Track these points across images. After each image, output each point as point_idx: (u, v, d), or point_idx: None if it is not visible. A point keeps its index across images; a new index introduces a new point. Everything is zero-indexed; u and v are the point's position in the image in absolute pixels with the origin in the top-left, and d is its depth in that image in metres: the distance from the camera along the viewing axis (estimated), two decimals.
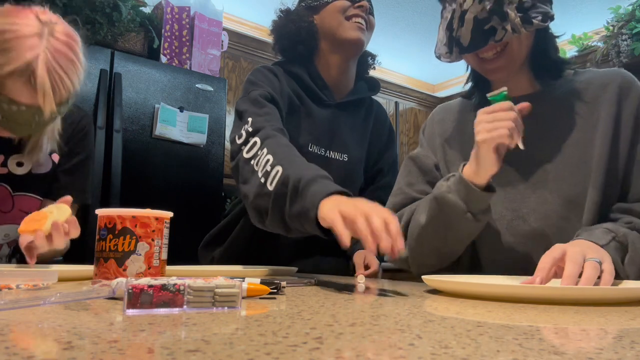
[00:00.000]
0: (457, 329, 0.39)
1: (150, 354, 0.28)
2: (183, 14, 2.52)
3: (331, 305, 0.53)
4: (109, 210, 0.71)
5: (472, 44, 0.85)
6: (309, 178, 0.82)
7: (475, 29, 0.84)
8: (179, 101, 2.33)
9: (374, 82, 1.40)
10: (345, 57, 1.26)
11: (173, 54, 2.46)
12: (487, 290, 0.62)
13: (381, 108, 1.44)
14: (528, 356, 0.29)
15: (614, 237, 0.75)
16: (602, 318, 0.47)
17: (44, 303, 0.46)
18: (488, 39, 0.83)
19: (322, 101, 1.26)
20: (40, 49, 0.97)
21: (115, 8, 2.18)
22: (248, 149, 1.00)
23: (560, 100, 0.93)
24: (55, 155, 1.22)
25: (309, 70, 1.27)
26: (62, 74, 1.00)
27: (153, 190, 2.22)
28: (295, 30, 1.24)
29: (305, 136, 1.22)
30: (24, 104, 0.98)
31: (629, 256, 0.75)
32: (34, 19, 1.00)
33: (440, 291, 0.72)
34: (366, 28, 1.23)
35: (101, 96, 2.09)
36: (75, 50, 1.04)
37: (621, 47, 2.97)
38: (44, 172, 1.20)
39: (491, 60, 0.88)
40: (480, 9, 0.82)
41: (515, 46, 0.87)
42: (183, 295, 0.46)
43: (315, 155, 1.24)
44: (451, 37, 0.88)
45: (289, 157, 0.92)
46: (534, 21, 0.82)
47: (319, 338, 0.34)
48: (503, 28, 0.82)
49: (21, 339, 0.32)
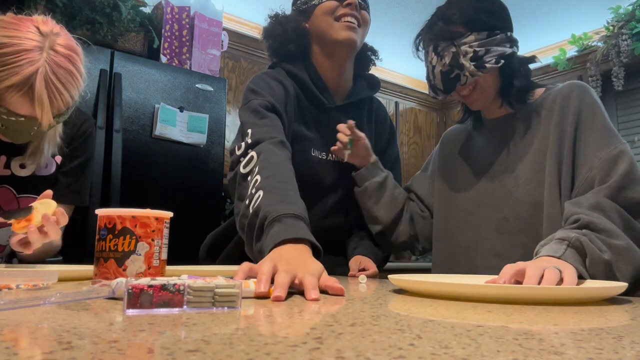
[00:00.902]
0: (457, 329, 0.39)
1: (150, 354, 0.28)
2: (183, 14, 2.52)
3: (331, 305, 0.53)
4: (108, 210, 0.71)
5: (445, 89, 1.08)
6: (275, 216, 0.82)
7: (444, 78, 1.07)
8: (179, 101, 2.33)
9: (374, 80, 1.39)
10: (340, 59, 1.25)
11: (173, 54, 2.46)
12: (445, 289, 0.63)
13: (381, 106, 1.44)
14: (528, 356, 0.29)
15: (568, 245, 0.78)
16: (602, 318, 0.47)
17: (44, 303, 0.46)
18: (455, 84, 1.06)
19: (323, 104, 1.26)
20: (40, 62, 0.97)
21: (115, 8, 2.18)
22: (245, 162, 1.00)
23: (524, 119, 1.10)
24: (58, 157, 1.22)
25: (309, 72, 1.26)
26: (60, 88, 1.00)
27: (153, 190, 2.22)
28: (283, 31, 1.25)
29: (307, 142, 1.22)
30: (22, 115, 0.99)
31: (589, 259, 0.77)
32: (35, 31, 1.00)
33: None
34: (359, 25, 1.22)
35: (101, 96, 2.09)
36: (76, 63, 1.05)
37: (621, 47, 2.98)
38: (48, 174, 1.21)
39: (468, 96, 1.08)
40: (443, 64, 1.05)
41: (483, 82, 1.06)
42: (183, 296, 0.46)
43: (318, 160, 1.24)
44: (431, 85, 1.11)
45: (272, 183, 0.92)
46: (486, 65, 1.02)
47: (319, 338, 0.34)
48: (464, 75, 1.04)
49: (21, 339, 0.32)
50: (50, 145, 1.16)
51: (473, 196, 1.14)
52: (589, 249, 0.78)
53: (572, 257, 0.76)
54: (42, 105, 0.98)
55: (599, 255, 0.78)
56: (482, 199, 1.12)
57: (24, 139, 1.07)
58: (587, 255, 0.77)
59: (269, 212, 0.84)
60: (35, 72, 0.96)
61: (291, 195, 0.91)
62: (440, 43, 1.06)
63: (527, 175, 1.04)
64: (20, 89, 0.96)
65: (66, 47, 1.03)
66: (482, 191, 1.12)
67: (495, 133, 1.15)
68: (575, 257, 0.76)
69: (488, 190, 1.11)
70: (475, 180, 1.15)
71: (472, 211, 1.13)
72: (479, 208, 1.12)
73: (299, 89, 1.24)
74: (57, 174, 1.22)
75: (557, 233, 0.83)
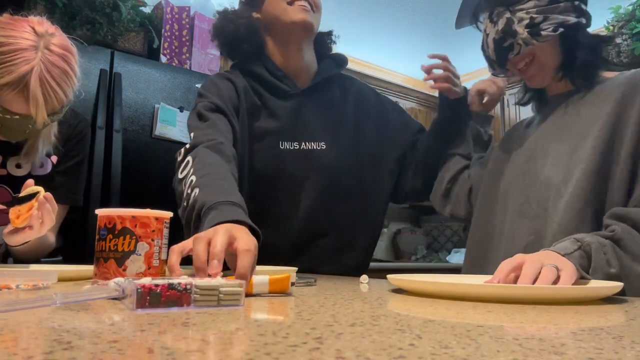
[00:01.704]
0: (457, 329, 0.39)
1: (150, 354, 0.28)
2: (183, 13, 2.52)
3: (331, 305, 0.53)
4: (108, 210, 0.71)
5: (499, 60, 1.01)
6: (211, 204, 0.80)
7: (497, 47, 0.99)
8: (179, 101, 2.33)
9: (340, 57, 1.35)
10: (297, 43, 1.22)
11: (173, 54, 2.46)
12: (443, 289, 0.63)
13: (362, 84, 1.41)
14: (528, 356, 0.29)
15: (579, 247, 0.76)
16: (601, 318, 0.47)
17: (54, 303, 0.46)
18: (507, 54, 0.98)
19: (285, 93, 1.23)
20: (35, 61, 0.99)
21: (115, 8, 2.18)
22: (182, 167, 0.99)
23: (580, 99, 0.99)
24: (54, 157, 1.23)
25: (266, 65, 1.23)
26: (55, 86, 1.02)
27: (153, 190, 2.22)
28: (235, 29, 1.22)
29: (274, 135, 1.20)
30: (17, 113, 1.01)
31: (592, 266, 0.75)
32: (31, 31, 1.02)
33: None
34: (312, 10, 1.20)
35: (101, 96, 2.09)
36: (70, 62, 1.07)
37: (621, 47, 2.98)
38: (44, 173, 1.21)
39: (524, 70, 1.01)
40: (496, 31, 0.98)
41: (541, 55, 0.98)
42: (190, 294, 0.47)
43: (289, 151, 1.20)
44: (486, 57, 1.04)
45: (207, 180, 0.90)
46: (542, 33, 0.94)
47: (319, 338, 0.34)
48: (517, 43, 0.96)
49: (21, 339, 0.32)
50: (45, 144, 1.18)
51: (508, 175, 1.07)
52: (595, 258, 0.75)
53: (578, 258, 0.74)
54: (37, 104, 1.00)
55: (604, 267, 0.75)
56: (514, 179, 1.05)
57: (19, 137, 1.09)
58: (592, 263, 0.75)
59: (205, 202, 0.82)
60: (30, 70, 0.98)
61: (227, 188, 0.87)
62: (496, 9, 0.99)
63: (557, 157, 0.96)
64: (15, 87, 0.98)
65: (61, 47, 1.05)
66: (516, 170, 1.05)
67: (548, 111, 1.06)
68: (582, 260, 0.74)
69: (520, 170, 1.04)
70: (516, 158, 1.07)
71: (507, 190, 1.05)
72: (512, 186, 1.04)
73: (258, 83, 1.22)
74: (52, 173, 1.23)
75: (577, 234, 0.80)
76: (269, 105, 1.22)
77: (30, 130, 1.05)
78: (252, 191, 1.17)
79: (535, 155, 1.02)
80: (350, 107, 1.32)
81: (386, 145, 1.35)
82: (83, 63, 1.12)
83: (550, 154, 0.98)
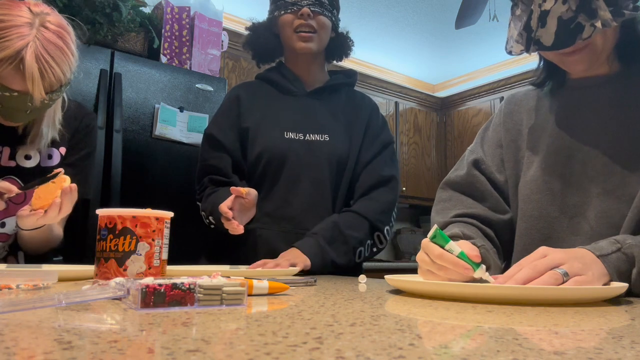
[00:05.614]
0: (457, 329, 0.39)
1: (150, 354, 0.28)
2: (183, 14, 2.51)
3: (331, 305, 0.53)
4: (109, 210, 0.71)
5: (557, 42, 0.81)
6: None
7: (560, 28, 0.79)
8: (179, 101, 2.33)
9: (350, 72, 1.51)
10: (303, 63, 1.41)
11: (173, 54, 2.46)
12: (440, 289, 0.63)
13: (371, 101, 1.49)
14: (528, 356, 0.29)
15: (618, 249, 0.70)
16: (602, 318, 0.47)
17: (60, 303, 0.46)
18: (575, 37, 0.79)
19: (293, 92, 1.41)
20: (30, 37, 1.01)
21: (115, 8, 2.18)
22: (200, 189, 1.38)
23: (620, 81, 0.88)
24: (63, 148, 1.25)
25: (281, 70, 1.43)
26: (51, 62, 1.04)
27: (153, 190, 2.22)
28: (262, 43, 1.43)
29: (280, 125, 1.35)
30: (15, 90, 1.03)
31: (636, 269, 0.69)
32: (27, 10, 1.04)
33: None
34: (315, 31, 1.33)
35: (101, 96, 2.09)
36: (66, 40, 1.08)
37: None
38: (52, 165, 1.23)
39: (572, 53, 0.84)
40: (566, 9, 0.78)
41: (599, 40, 0.83)
42: (194, 294, 0.47)
43: (294, 140, 1.34)
44: (529, 37, 0.83)
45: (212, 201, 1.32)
46: (624, 12, 0.76)
47: (319, 338, 0.34)
48: (592, 25, 0.77)
49: (21, 339, 0.32)
50: (50, 130, 1.19)
51: (534, 170, 0.95)
52: (639, 259, 0.69)
53: (616, 261, 0.67)
54: (33, 79, 1.01)
55: None
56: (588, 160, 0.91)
57: (20, 118, 1.11)
58: (636, 264, 0.68)
59: None
60: (25, 45, 1.00)
61: None
62: None
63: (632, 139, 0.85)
64: (11, 63, 0.99)
65: (56, 25, 1.07)
66: (549, 157, 0.92)
67: (577, 95, 0.94)
68: (622, 263, 0.68)
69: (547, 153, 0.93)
70: (545, 148, 0.95)
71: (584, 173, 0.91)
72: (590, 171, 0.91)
73: (272, 86, 1.43)
74: (61, 165, 1.24)
75: (620, 235, 0.73)
76: (279, 101, 1.39)
77: (30, 109, 1.06)
78: (257, 180, 1.34)
79: (560, 142, 0.91)
80: (353, 118, 1.42)
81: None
82: (77, 44, 1.14)
83: (621, 136, 0.85)
